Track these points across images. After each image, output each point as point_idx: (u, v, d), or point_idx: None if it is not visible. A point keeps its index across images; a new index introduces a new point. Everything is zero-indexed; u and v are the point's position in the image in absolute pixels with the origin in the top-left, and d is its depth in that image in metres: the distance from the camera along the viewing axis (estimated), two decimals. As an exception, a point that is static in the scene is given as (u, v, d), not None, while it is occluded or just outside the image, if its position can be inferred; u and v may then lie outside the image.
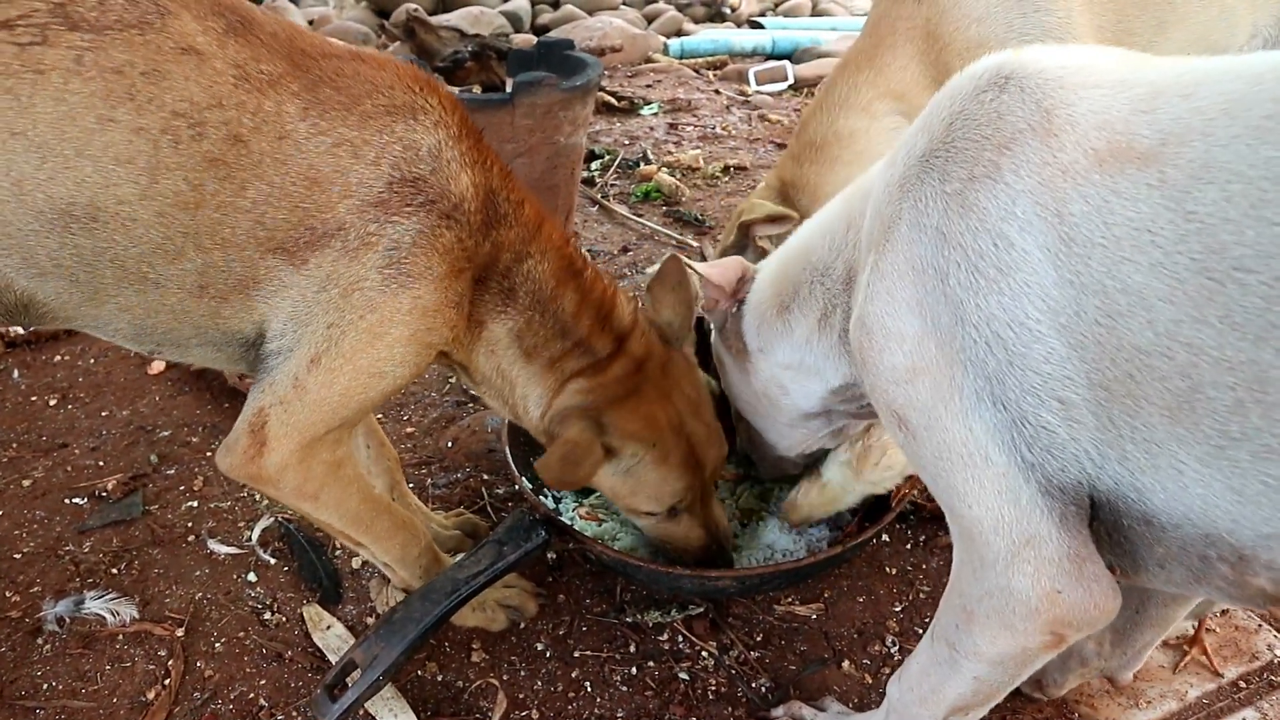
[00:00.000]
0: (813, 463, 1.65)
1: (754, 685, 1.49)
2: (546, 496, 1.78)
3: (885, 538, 1.80)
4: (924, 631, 1.34)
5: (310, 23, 5.68)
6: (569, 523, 1.65)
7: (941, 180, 0.94)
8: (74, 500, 1.88)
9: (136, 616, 1.60)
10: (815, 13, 6.67)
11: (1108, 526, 0.91)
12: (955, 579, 1.02)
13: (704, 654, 1.54)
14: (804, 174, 1.96)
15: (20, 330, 2.42)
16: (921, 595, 1.67)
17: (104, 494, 1.90)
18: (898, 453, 1.55)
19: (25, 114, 1.00)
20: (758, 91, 4.61)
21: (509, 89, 2.91)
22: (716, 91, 4.52)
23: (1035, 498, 0.90)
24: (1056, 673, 1.42)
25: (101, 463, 1.99)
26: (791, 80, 4.77)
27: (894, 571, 1.72)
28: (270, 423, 1.19)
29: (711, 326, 1.55)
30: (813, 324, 1.26)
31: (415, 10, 5.25)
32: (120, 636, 1.56)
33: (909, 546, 1.78)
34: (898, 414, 1.00)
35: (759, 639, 1.57)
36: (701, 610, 1.62)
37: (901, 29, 1.95)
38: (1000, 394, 0.90)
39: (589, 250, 2.84)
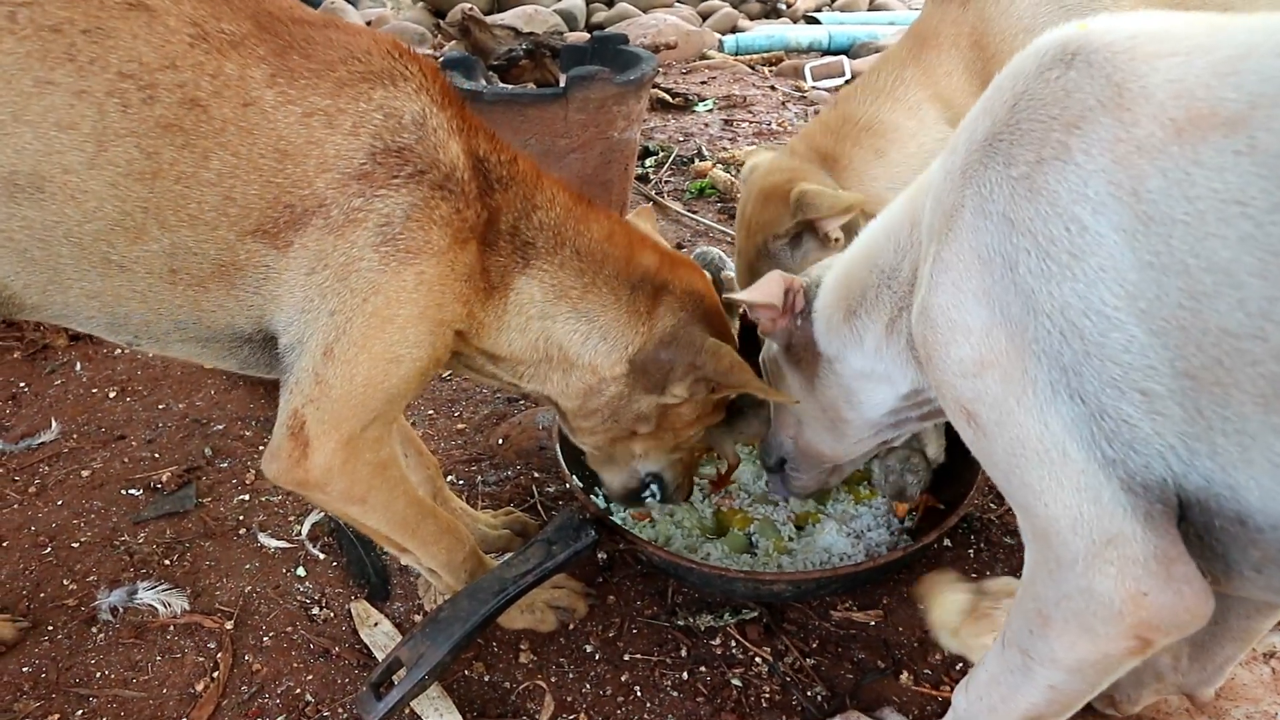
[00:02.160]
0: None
1: (809, 694, 1.44)
2: (597, 495, 1.75)
3: (947, 542, 1.74)
4: (990, 642, 1.28)
5: (368, 23, 5.74)
6: (620, 522, 1.62)
7: (1007, 164, 0.89)
8: (130, 491, 1.90)
9: (187, 608, 1.60)
10: (872, 7, 6.57)
11: (1198, 528, 0.85)
12: (1029, 581, 0.96)
13: (757, 660, 1.49)
14: (846, 151, 1.85)
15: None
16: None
17: (159, 486, 1.91)
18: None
19: None
20: (814, 87, 4.54)
21: (563, 81, 2.89)
22: (772, 88, 4.46)
23: (1118, 495, 0.84)
24: (1130, 688, 1.35)
25: (157, 455, 2.01)
26: (848, 76, 4.69)
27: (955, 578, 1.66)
28: (308, 423, 1.14)
29: (766, 344, 1.48)
30: (881, 330, 1.21)
31: (470, 9, 5.27)
32: (171, 628, 1.56)
33: (971, 552, 1.72)
34: (966, 409, 0.95)
35: (814, 646, 1.52)
36: (755, 614, 1.57)
37: (946, 33, 1.88)
38: (1078, 386, 0.85)
39: (642, 246, 2.81)
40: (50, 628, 1.57)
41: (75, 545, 1.76)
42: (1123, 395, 0.82)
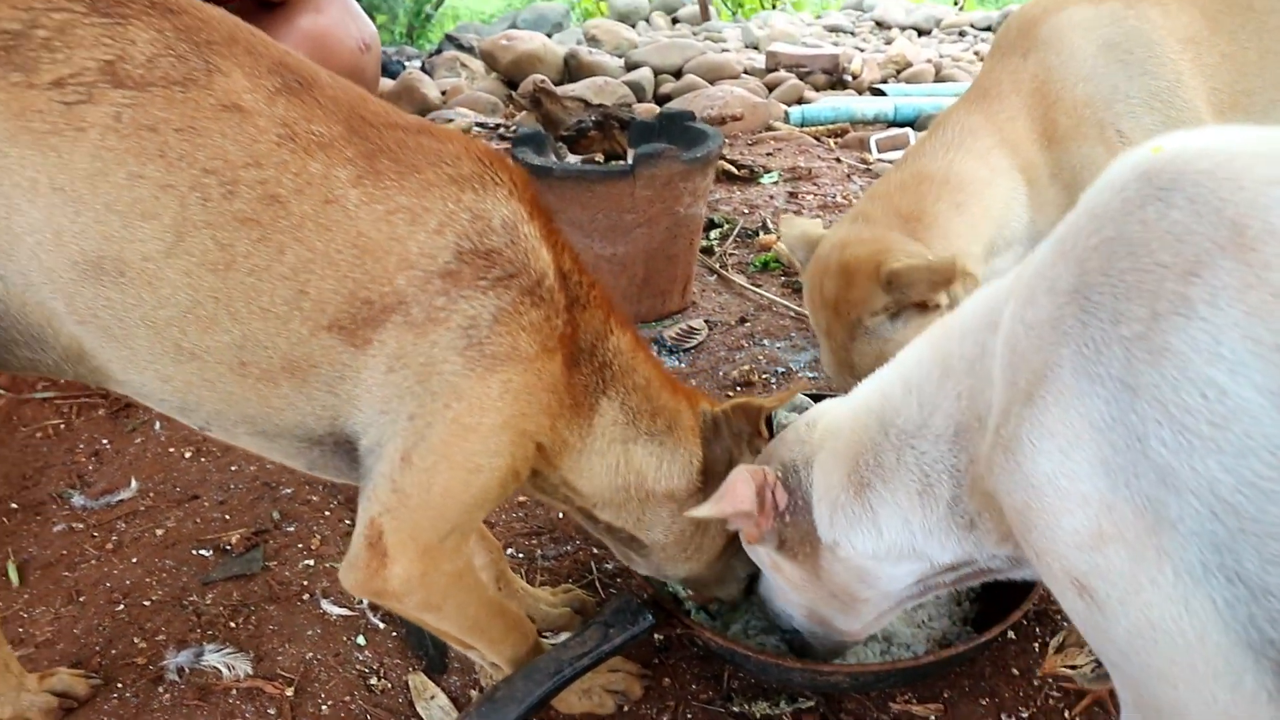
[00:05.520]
0: None
1: (867, 791, 1.40)
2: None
3: (1010, 634, 1.69)
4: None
5: (443, 93, 5.94)
6: (678, 604, 1.61)
7: (1113, 322, 0.81)
8: (200, 552, 1.95)
9: (250, 672, 1.63)
10: (938, 79, 6.60)
11: None
12: None
13: (814, 752, 1.46)
14: (928, 209, 1.82)
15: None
16: (1050, 700, 1.55)
17: (228, 547, 1.96)
18: None
19: (65, 169, 1.00)
20: (879, 159, 4.56)
21: (630, 158, 2.96)
22: (837, 159, 4.49)
23: (1261, 679, 0.77)
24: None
25: (228, 516, 2.07)
26: (914, 149, 4.71)
27: (1019, 672, 1.61)
28: (385, 533, 1.14)
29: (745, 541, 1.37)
30: (909, 499, 1.12)
31: (542, 81, 5.44)
32: (234, 691, 1.59)
33: (1036, 645, 1.67)
34: (1079, 581, 0.88)
35: (873, 740, 1.49)
36: (812, 704, 1.54)
37: (1008, 83, 1.92)
38: (1234, 566, 0.77)
39: (705, 320, 2.83)
40: (120, 685, 1.61)
41: (147, 603, 1.81)
42: None
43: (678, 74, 6.22)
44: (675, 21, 9.29)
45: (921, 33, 8.78)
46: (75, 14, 1.02)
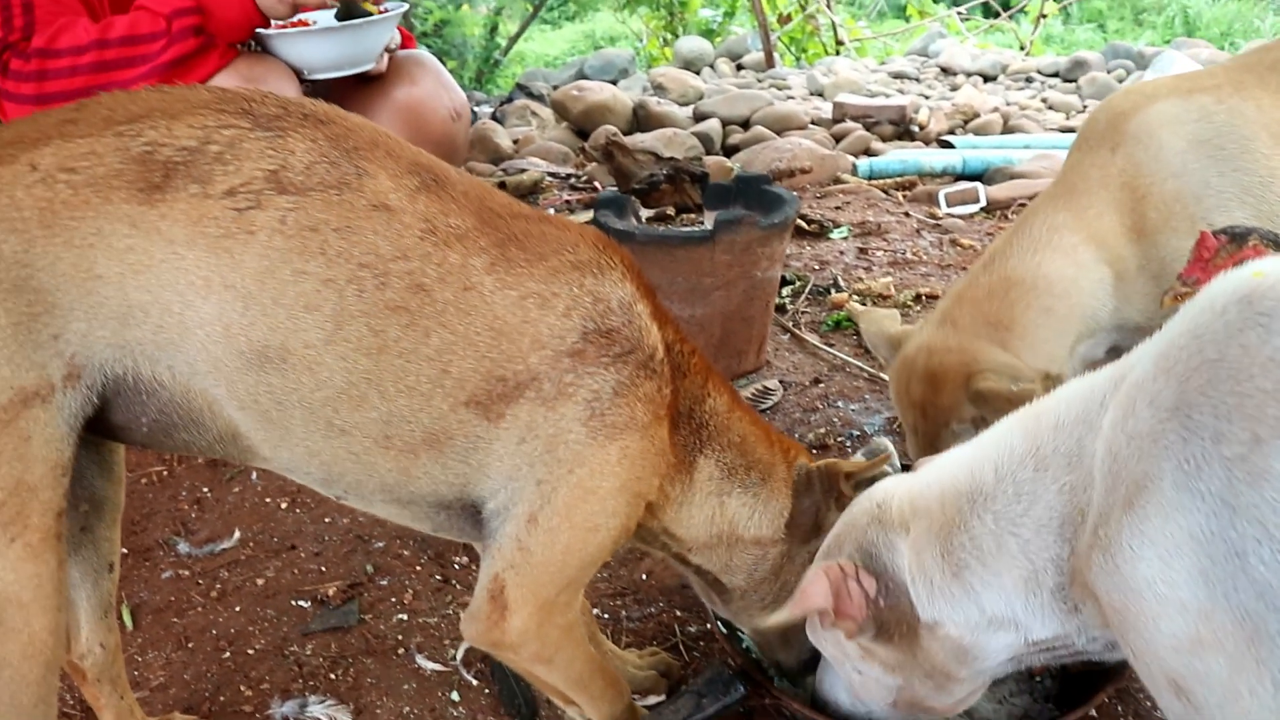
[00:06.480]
0: None
1: None
2: (740, 639, 1.79)
3: (1093, 713, 1.70)
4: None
5: (515, 142, 6.10)
6: (764, 673, 1.65)
7: (1215, 441, 0.86)
8: (299, 603, 2.05)
9: (351, 726, 1.71)
10: (1006, 129, 6.59)
11: None
12: None
13: (899, 827, 1.48)
14: (1017, 317, 1.85)
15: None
16: (1137, 784, 1.56)
17: (325, 599, 2.05)
18: None
19: (236, 269, 1.11)
20: (948, 214, 4.58)
21: (706, 218, 3.03)
22: (906, 214, 4.52)
23: None
24: None
25: (323, 568, 2.16)
26: (983, 202, 4.70)
27: (1105, 754, 1.62)
28: (508, 587, 1.25)
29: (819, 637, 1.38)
30: (1013, 583, 1.15)
31: (614, 134, 5.57)
32: (337, 743, 1.67)
33: (1122, 727, 1.67)
34: (1176, 683, 0.93)
35: (958, 817, 1.51)
36: (896, 778, 1.57)
37: (1095, 177, 1.93)
38: None
39: (780, 381, 2.88)
40: (229, 733, 1.70)
41: (250, 651, 1.91)
42: None
43: (745, 125, 6.31)
44: (740, 68, 9.40)
45: (987, 79, 8.74)
46: (242, 129, 1.13)
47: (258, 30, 2.43)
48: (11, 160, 1.07)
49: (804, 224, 4.17)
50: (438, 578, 2.11)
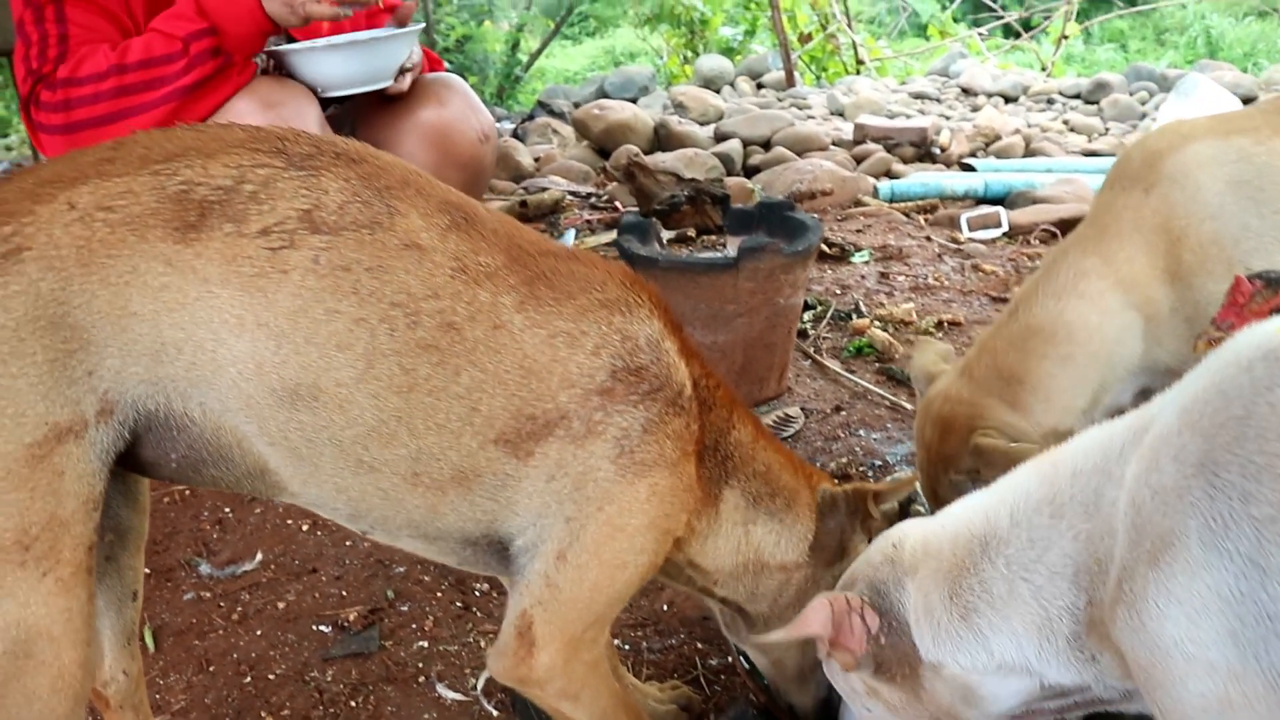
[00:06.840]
0: None
1: None
2: (763, 676, 1.77)
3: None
4: None
5: (536, 160, 6.13)
6: (791, 714, 1.64)
7: (1243, 501, 0.86)
8: (319, 627, 2.05)
9: (371, 755, 1.70)
10: (1028, 152, 6.56)
11: None
12: None
13: None
14: (1032, 369, 1.84)
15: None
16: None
17: (345, 624, 2.05)
18: None
19: (269, 308, 1.11)
20: (970, 239, 4.57)
21: (727, 241, 3.04)
22: (928, 238, 4.51)
23: None
24: None
25: (344, 592, 2.16)
26: (1005, 227, 4.69)
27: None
28: (535, 624, 1.25)
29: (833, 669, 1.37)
30: (1025, 630, 1.13)
31: (636, 154, 5.58)
32: (357, 774, 1.67)
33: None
34: None
35: None
36: (920, 821, 1.55)
37: (1128, 219, 1.89)
38: None
39: (802, 408, 2.87)
40: (250, 761, 1.70)
41: (271, 676, 1.91)
42: None
43: (766, 145, 6.32)
44: (760, 86, 9.42)
45: (1008, 100, 8.72)
46: (276, 168, 1.14)
47: (273, 48, 2.44)
48: (50, 199, 1.08)
49: (825, 248, 4.17)
50: (458, 604, 2.11)
